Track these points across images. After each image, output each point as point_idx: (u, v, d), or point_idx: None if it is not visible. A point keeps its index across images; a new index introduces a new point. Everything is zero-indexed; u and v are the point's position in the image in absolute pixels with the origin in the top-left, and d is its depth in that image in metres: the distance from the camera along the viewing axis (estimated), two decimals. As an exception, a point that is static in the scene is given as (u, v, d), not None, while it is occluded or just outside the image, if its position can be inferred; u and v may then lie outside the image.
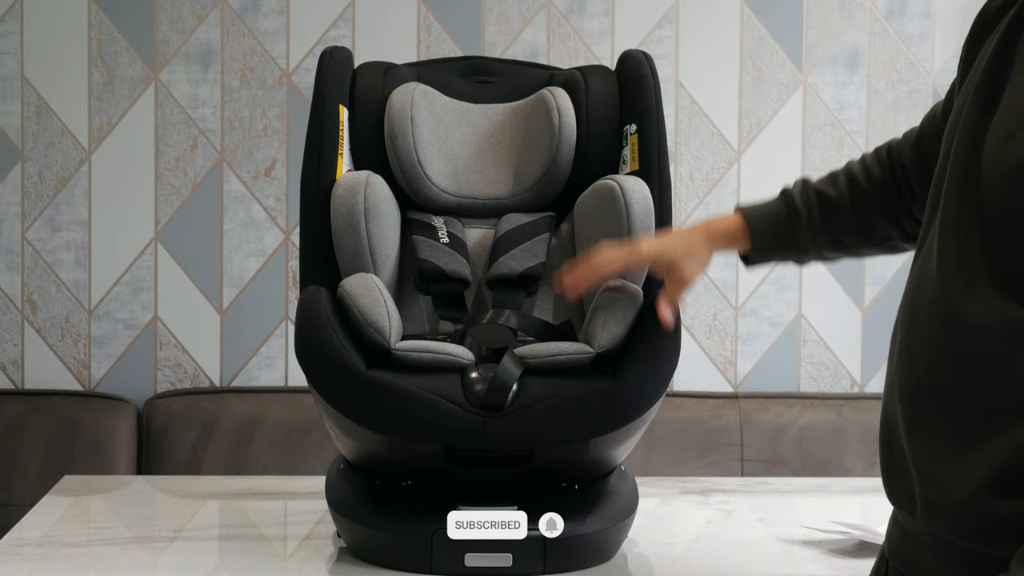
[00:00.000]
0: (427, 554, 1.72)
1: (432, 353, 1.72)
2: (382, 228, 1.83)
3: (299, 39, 3.00)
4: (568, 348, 1.73)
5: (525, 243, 1.88)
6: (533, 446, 1.71)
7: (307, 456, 2.85)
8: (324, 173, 1.84)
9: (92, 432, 2.87)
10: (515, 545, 1.71)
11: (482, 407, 1.68)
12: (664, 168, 1.88)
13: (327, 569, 1.78)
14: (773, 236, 1.73)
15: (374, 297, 1.73)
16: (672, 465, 2.88)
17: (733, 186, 3.05)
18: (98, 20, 2.99)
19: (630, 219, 1.81)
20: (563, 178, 1.93)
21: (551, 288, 1.91)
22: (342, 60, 1.91)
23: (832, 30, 3.05)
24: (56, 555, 1.83)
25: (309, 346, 1.72)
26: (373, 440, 1.72)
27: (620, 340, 1.74)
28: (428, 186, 1.91)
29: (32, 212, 3.00)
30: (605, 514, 1.78)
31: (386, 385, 1.69)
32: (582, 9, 3.03)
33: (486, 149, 1.96)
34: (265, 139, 3.01)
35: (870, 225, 1.69)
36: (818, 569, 1.82)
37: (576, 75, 1.97)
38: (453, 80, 2.01)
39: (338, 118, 1.87)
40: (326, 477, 1.88)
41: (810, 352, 3.08)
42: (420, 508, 1.75)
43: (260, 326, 3.03)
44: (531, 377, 1.71)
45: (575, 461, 1.76)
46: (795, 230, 1.72)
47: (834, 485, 2.40)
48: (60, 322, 3.01)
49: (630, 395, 1.71)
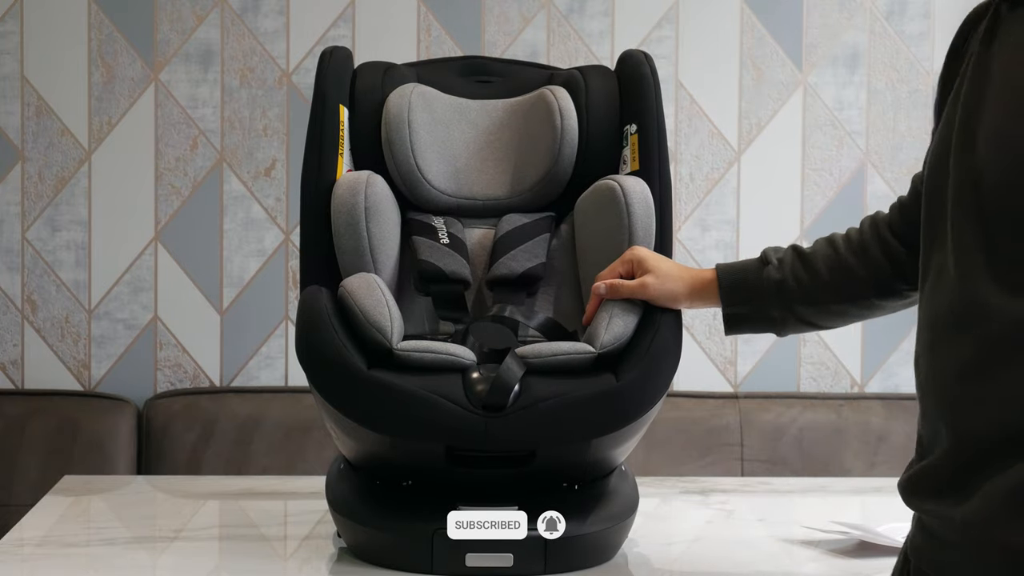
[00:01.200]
0: (427, 554, 1.72)
1: (434, 353, 1.72)
2: (383, 228, 1.83)
3: (299, 39, 3.00)
4: (569, 348, 1.73)
5: (525, 244, 1.88)
6: (534, 446, 1.71)
7: (307, 456, 2.85)
8: (324, 173, 1.84)
9: (92, 432, 2.87)
10: (516, 545, 1.71)
11: (483, 407, 1.68)
12: (664, 168, 1.88)
13: (327, 569, 1.78)
14: (740, 286, 1.75)
15: (376, 297, 1.73)
16: (672, 465, 2.88)
17: (733, 186, 3.05)
18: (98, 20, 2.99)
19: (631, 219, 1.81)
20: (564, 179, 1.93)
21: (551, 288, 1.91)
22: (342, 60, 1.91)
23: (832, 30, 3.05)
24: (56, 555, 1.83)
25: (310, 346, 1.72)
26: (374, 440, 1.72)
27: (622, 340, 1.74)
28: (427, 188, 1.91)
29: (32, 212, 3.00)
30: (606, 514, 1.78)
31: (387, 385, 1.68)
32: (582, 9, 3.03)
33: (485, 147, 1.96)
34: (265, 139, 3.01)
35: (852, 272, 1.71)
36: (818, 569, 1.82)
37: (576, 75, 1.97)
38: (453, 80, 2.01)
39: (338, 118, 1.87)
40: (326, 477, 1.88)
41: (810, 352, 3.08)
42: (420, 508, 1.75)
43: (260, 326, 3.03)
44: (532, 377, 1.71)
45: (576, 461, 1.76)
46: (764, 278, 1.73)
47: (834, 485, 2.40)
48: (60, 322, 3.01)
49: (632, 395, 1.70)
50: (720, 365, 3.07)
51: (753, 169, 3.05)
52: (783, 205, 3.04)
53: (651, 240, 1.83)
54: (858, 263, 1.70)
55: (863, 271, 1.69)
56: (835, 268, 1.71)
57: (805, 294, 1.72)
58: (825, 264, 1.72)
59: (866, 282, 1.70)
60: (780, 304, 1.73)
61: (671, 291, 1.77)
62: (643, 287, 1.77)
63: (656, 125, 1.89)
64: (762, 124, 3.05)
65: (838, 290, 1.71)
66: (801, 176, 3.05)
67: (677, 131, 3.04)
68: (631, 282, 1.77)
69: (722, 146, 3.05)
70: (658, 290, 1.76)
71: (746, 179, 3.05)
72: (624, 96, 1.93)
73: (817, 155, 3.06)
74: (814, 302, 1.72)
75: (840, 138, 3.06)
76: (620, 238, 1.82)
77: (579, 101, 1.93)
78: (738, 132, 3.05)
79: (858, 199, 3.06)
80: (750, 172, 3.05)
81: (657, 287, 1.76)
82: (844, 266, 1.71)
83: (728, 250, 3.04)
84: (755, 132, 3.05)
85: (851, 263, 1.70)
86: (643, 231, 1.82)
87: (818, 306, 1.73)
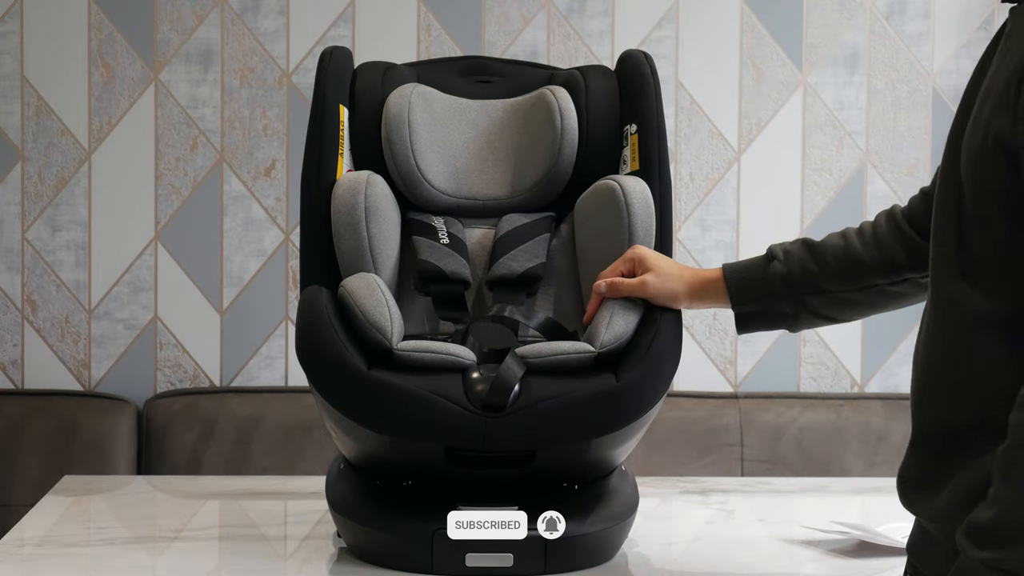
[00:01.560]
0: (427, 554, 1.72)
1: (434, 353, 1.72)
2: (383, 228, 1.83)
3: (299, 39, 3.00)
4: (570, 348, 1.73)
5: (525, 244, 1.88)
6: (534, 446, 1.71)
7: (307, 456, 2.84)
8: (324, 173, 1.84)
9: (92, 432, 2.86)
10: (515, 545, 1.71)
11: (483, 407, 1.68)
12: (664, 168, 1.88)
13: (327, 569, 1.78)
14: (746, 284, 1.75)
15: (376, 297, 1.73)
16: (672, 465, 2.88)
17: (733, 186, 3.05)
18: (98, 20, 2.99)
19: (631, 219, 1.81)
20: (564, 179, 1.93)
21: (551, 288, 1.91)
22: (342, 60, 1.91)
23: (832, 30, 3.05)
24: (56, 555, 1.83)
25: (310, 346, 1.72)
26: (374, 440, 1.72)
27: (622, 340, 1.74)
28: (427, 189, 1.91)
29: (32, 212, 3.00)
30: (606, 514, 1.78)
31: (387, 385, 1.68)
32: (582, 9, 3.03)
33: (485, 147, 1.96)
34: (265, 139, 3.01)
35: (861, 261, 1.71)
36: (818, 569, 1.82)
37: (576, 75, 1.97)
38: (453, 80, 2.01)
39: (338, 118, 1.87)
40: (326, 477, 1.88)
41: (810, 352, 3.08)
42: (420, 508, 1.75)
43: (260, 326, 3.03)
44: (532, 377, 1.71)
45: (576, 461, 1.76)
46: (771, 274, 1.73)
47: (834, 485, 2.40)
48: (60, 322, 3.01)
49: (632, 395, 1.70)
50: (720, 365, 3.07)
51: (753, 169, 3.05)
52: (783, 205, 3.04)
53: (651, 240, 1.83)
54: (867, 251, 1.70)
55: (873, 259, 1.69)
56: (843, 256, 1.71)
57: (813, 285, 1.72)
58: (833, 253, 1.72)
59: (876, 270, 1.70)
60: (790, 298, 1.73)
61: (671, 290, 1.77)
62: (643, 285, 1.77)
63: (656, 125, 1.89)
64: (762, 124, 3.05)
65: (847, 278, 1.71)
66: (801, 176, 3.05)
67: (677, 131, 3.04)
68: (631, 280, 1.77)
69: (722, 146, 3.05)
70: (658, 288, 1.76)
71: (746, 179, 3.05)
72: (624, 96, 1.93)
73: (817, 155, 3.06)
74: (823, 292, 1.72)
75: (840, 138, 3.06)
76: (620, 238, 1.82)
77: (579, 101, 1.93)
78: (738, 132, 3.05)
79: (858, 199, 3.06)
80: (750, 172, 3.05)
81: (657, 285, 1.76)
82: (853, 254, 1.71)
83: (728, 250, 3.04)
84: (755, 132, 3.05)
85: (860, 251, 1.70)
86: (643, 231, 1.82)
87: (827, 295, 1.72)
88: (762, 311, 1.75)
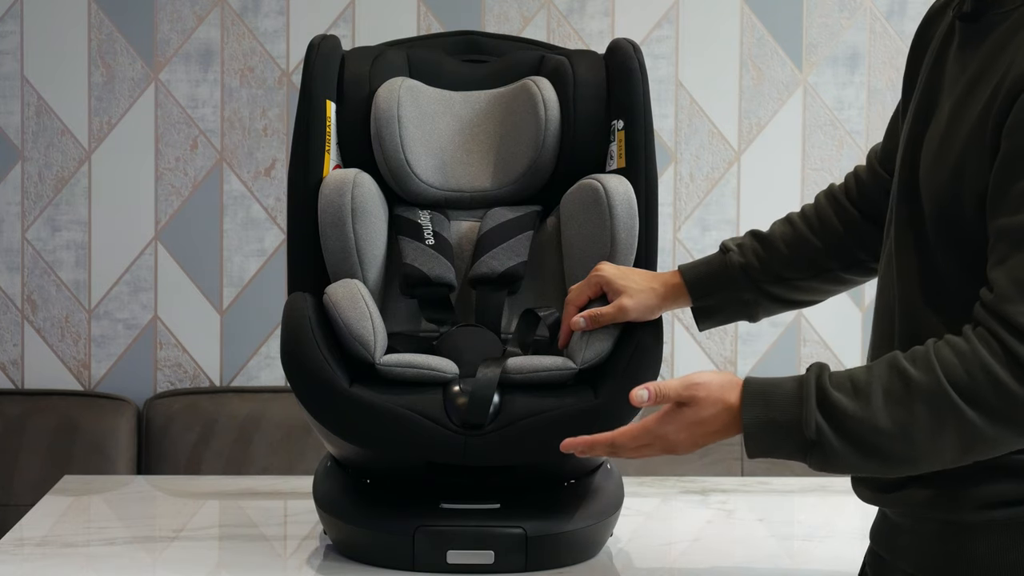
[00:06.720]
0: (408, 550, 1.72)
1: (415, 368, 1.73)
2: (369, 228, 1.83)
3: (299, 39, 3.00)
4: (551, 364, 1.75)
5: (507, 241, 1.88)
6: (513, 463, 1.73)
7: (307, 456, 2.84)
8: (311, 172, 1.84)
9: (92, 432, 2.87)
10: (497, 542, 1.72)
11: (463, 425, 1.69)
12: (651, 166, 1.87)
13: (327, 569, 1.79)
14: (705, 278, 1.76)
15: (360, 310, 1.74)
16: (672, 465, 2.88)
17: (733, 186, 3.05)
18: (98, 20, 2.99)
19: (613, 221, 1.81)
20: (548, 170, 1.92)
21: (535, 286, 1.91)
22: (328, 51, 1.89)
23: (832, 30, 3.05)
24: (56, 555, 1.83)
25: (292, 359, 1.73)
26: (356, 449, 1.74)
27: (602, 355, 1.75)
28: (415, 183, 1.91)
29: (32, 212, 3.00)
30: (589, 512, 1.79)
31: (367, 403, 1.70)
32: (582, 9, 3.03)
33: (470, 139, 1.96)
34: (265, 139, 3.01)
35: (815, 250, 1.73)
36: (818, 569, 1.82)
37: (565, 65, 1.94)
38: (444, 59, 1.99)
39: (324, 114, 1.86)
40: (314, 475, 1.89)
41: (810, 352, 3.08)
42: (403, 505, 1.76)
43: (260, 326, 3.03)
44: (513, 393, 1.72)
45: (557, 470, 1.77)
46: (728, 265, 1.75)
47: (834, 485, 2.40)
48: (60, 322, 3.01)
49: (610, 411, 1.71)
50: (720, 365, 3.07)
51: (753, 169, 3.05)
52: (783, 205, 3.03)
53: (634, 241, 1.83)
54: (814, 235, 1.72)
55: (820, 242, 1.71)
56: (792, 243, 1.73)
57: (769, 273, 1.73)
58: (783, 241, 1.73)
59: (825, 253, 1.72)
60: (749, 286, 1.74)
61: (647, 305, 1.77)
62: (622, 311, 1.75)
63: (643, 121, 1.88)
64: (762, 124, 3.05)
65: (800, 265, 1.73)
66: (801, 176, 3.05)
67: (677, 131, 3.04)
68: (608, 310, 1.75)
69: (722, 146, 3.05)
70: (636, 310, 1.76)
71: (746, 179, 3.05)
72: (612, 88, 1.92)
73: (817, 155, 3.06)
74: (780, 279, 1.73)
75: (840, 138, 3.06)
76: (602, 239, 1.82)
77: (566, 92, 1.92)
78: (738, 132, 3.06)
79: (858, 199, 3.06)
80: (750, 172, 3.05)
81: (634, 307, 1.76)
82: (801, 239, 1.72)
83: (728, 250, 3.04)
84: (755, 132, 3.05)
85: (807, 236, 1.72)
86: (625, 233, 1.81)
87: (785, 283, 1.74)
88: (722, 304, 1.76)
